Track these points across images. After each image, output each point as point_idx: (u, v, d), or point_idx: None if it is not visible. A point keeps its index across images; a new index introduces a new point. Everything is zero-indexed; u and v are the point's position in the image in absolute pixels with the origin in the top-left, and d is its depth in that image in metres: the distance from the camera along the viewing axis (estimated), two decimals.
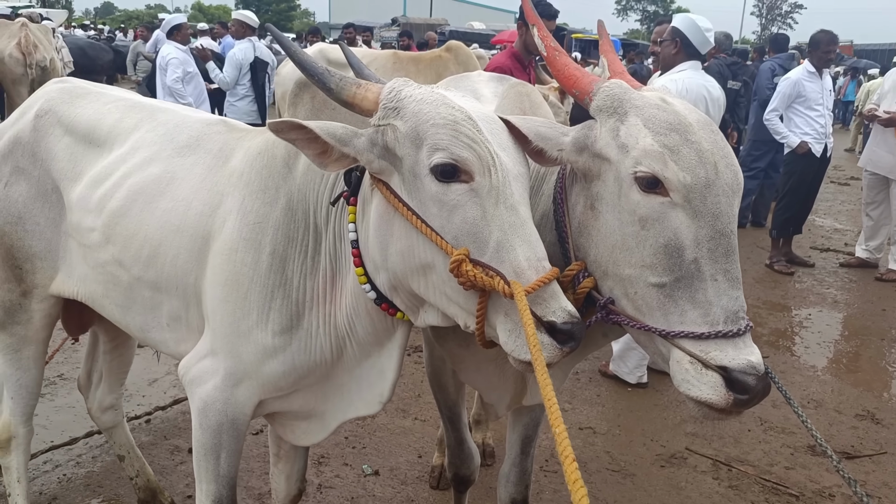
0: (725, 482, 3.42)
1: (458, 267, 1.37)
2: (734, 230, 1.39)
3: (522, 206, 1.44)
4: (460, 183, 1.42)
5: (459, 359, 2.08)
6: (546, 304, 1.36)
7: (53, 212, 2.21)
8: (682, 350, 1.34)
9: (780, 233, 7.12)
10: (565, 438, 1.02)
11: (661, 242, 1.37)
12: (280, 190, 1.79)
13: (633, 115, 1.43)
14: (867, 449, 3.78)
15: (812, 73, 6.68)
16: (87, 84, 2.45)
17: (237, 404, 1.88)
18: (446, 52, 7.58)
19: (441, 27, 28.51)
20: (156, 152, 2.06)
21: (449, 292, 1.46)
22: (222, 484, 1.97)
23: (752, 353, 1.32)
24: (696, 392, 1.32)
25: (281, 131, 1.50)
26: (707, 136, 1.42)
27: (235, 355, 1.83)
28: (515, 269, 1.37)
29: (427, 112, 1.45)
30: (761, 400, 1.31)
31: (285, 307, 1.78)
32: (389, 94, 1.50)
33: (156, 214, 1.96)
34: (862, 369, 4.87)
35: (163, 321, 2.04)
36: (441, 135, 1.42)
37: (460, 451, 2.49)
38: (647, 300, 1.39)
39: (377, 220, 1.54)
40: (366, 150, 1.49)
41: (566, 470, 0.98)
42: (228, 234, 1.82)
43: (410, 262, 1.49)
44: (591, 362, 4.65)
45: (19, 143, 2.25)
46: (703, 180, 1.36)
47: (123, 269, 2.02)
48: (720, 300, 1.33)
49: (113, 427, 2.93)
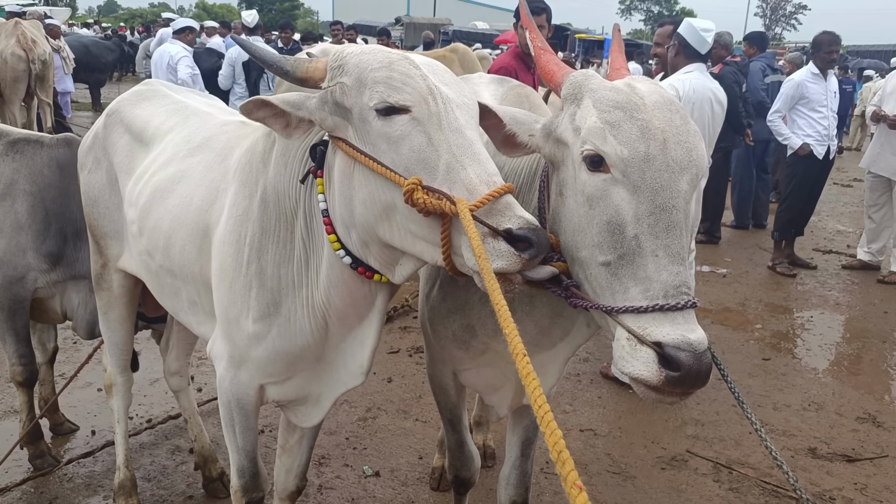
0: (726, 485, 3.42)
1: (410, 195, 1.40)
2: (678, 206, 1.36)
3: (469, 129, 1.49)
4: (402, 114, 1.47)
5: (460, 361, 2.08)
6: (500, 214, 1.38)
7: (116, 198, 2.51)
8: (622, 327, 1.33)
9: (781, 235, 7.10)
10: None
11: (604, 220, 1.38)
12: (258, 183, 1.87)
13: (587, 98, 1.46)
14: (868, 452, 3.77)
15: (816, 74, 6.65)
16: (163, 86, 2.71)
17: (241, 385, 2.02)
18: (451, 52, 7.60)
19: (445, 27, 28.48)
20: (175, 153, 2.26)
21: (413, 228, 1.49)
22: (243, 455, 2.16)
23: (691, 330, 1.29)
24: (629, 368, 1.30)
25: (250, 112, 1.60)
26: (661, 114, 1.41)
27: (231, 340, 1.97)
28: (468, 187, 1.40)
29: (366, 60, 1.53)
30: (700, 382, 1.27)
31: (261, 296, 1.86)
32: (334, 57, 1.59)
33: (168, 209, 2.15)
34: (863, 372, 4.86)
35: (185, 305, 2.24)
36: (379, 75, 1.49)
37: (461, 454, 2.49)
38: (598, 280, 1.39)
39: (340, 176, 1.60)
40: (318, 109, 1.58)
41: (518, 365, 1.07)
42: (221, 227, 1.94)
43: (374, 208, 1.54)
44: (591, 364, 4.65)
45: (97, 138, 2.61)
46: (643, 154, 1.36)
47: (151, 259, 2.25)
48: (660, 275, 1.32)
49: (179, 391, 3.25)
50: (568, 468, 0.90)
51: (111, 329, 2.80)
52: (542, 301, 1.76)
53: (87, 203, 2.64)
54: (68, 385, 3.59)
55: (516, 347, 1.08)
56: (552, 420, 0.97)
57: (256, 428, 2.16)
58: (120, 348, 2.85)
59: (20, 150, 3.01)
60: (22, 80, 8.59)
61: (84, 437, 3.50)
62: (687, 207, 1.39)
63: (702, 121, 4.20)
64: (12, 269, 2.94)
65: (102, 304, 2.76)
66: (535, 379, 1.03)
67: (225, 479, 3.09)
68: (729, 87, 6.08)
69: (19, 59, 8.48)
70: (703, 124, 4.21)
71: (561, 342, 1.86)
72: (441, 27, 27.99)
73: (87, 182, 2.63)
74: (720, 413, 4.09)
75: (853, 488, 3.43)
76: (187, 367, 3.26)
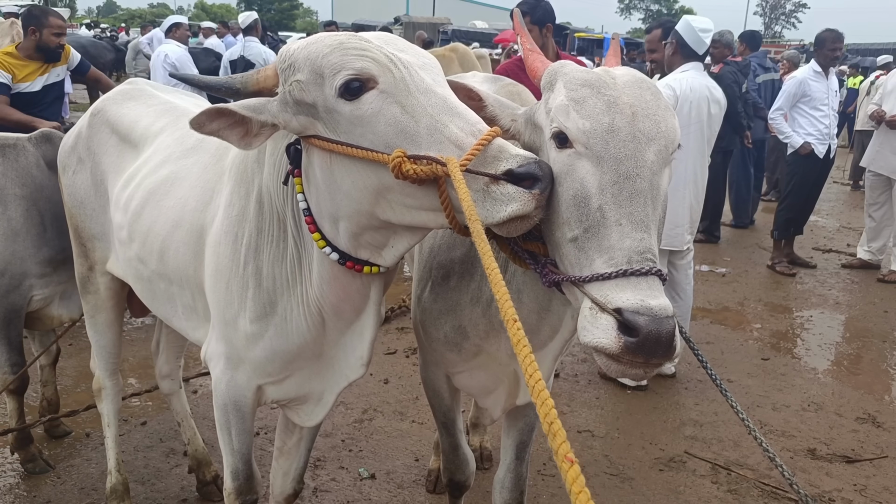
0: (724, 486, 3.39)
1: (399, 169, 1.36)
2: (642, 174, 1.34)
3: (438, 87, 1.45)
4: (369, 91, 1.43)
5: (452, 364, 2.06)
6: (496, 158, 1.34)
7: (102, 199, 2.48)
8: (588, 297, 1.30)
9: (781, 234, 7.08)
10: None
11: (570, 195, 1.36)
12: (253, 183, 1.84)
13: (560, 81, 1.46)
14: (868, 453, 3.75)
15: (818, 72, 6.62)
16: (148, 85, 2.67)
17: (237, 387, 1.99)
18: (451, 52, 7.59)
19: (444, 26, 28.46)
20: (168, 155, 2.22)
21: (409, 201, 1.45)
22: (237, 458, 2.13)
23: (653, 296, 1.25)
24: (588, 338, 1.26)
25: (202, 125, 1.52)
26: (631, 91, 1.41)
27: (228, 341, 1.94)
28: (455, 143, 1.37)
29: (315, 49, 1.47)
30: (660, 350, 1.21)
31: (258, 296, 1.84)
32: (281, 58, 1.54)
33: (163, 213, 2.12)
34: (863, 372, 4.83)
35: (179, 311, 2.20)
36: (333, 59, 1.43)
37: (455, 457, 2.46)
38: (569, 258, 1.37)
39: (321, 173, 1.55)
40: (280, 111, 1.52)
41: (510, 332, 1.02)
42: (216, 227, 1.91)
43: (363, 193, 1.49)
44: (589, 364, 4.62)
45: (80, 137, 2.57)
46: (606, 126, 1.35)
47: (143, 265, 2.22)
48: (623, 242, 1.29)
49: (170, 394, 3.22)
50: (559, 440, 0.86)
51: (98, 333, 2.77)
52: (528, 297, 1.75)
53: (73, 205, 2.60)
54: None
55: (507, 313, 1.03)
56: (544, 389, 0.94)
57: (252, 430, 2.15)
58: (108, 352, 2.82)
59: (3, 154, 2.95)
60: None
61: (81, 440, 3.47)
62: (654, 178, 1.37)
63: (700, 120, 4.18)
64: (9, 279, 2.90)
65: (89, 308, 2.74)
66: (527, 346, 0.99)
67: (219, 482, 3.06)
68: (728, 88, 6.06)
69: None
70: (701, 124, 4.19)
71: (550, 340, 1.84)
72: (440, 26, 27.97)
73: (71, 183, 2.59)
74: (718, 414, 4.07)
75: (853, 489, 3.41)
76: (178, 369, 3.24)
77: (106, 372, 2.87)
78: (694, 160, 4.22)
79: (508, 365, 1.98)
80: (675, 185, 4.00)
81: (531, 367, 0.96)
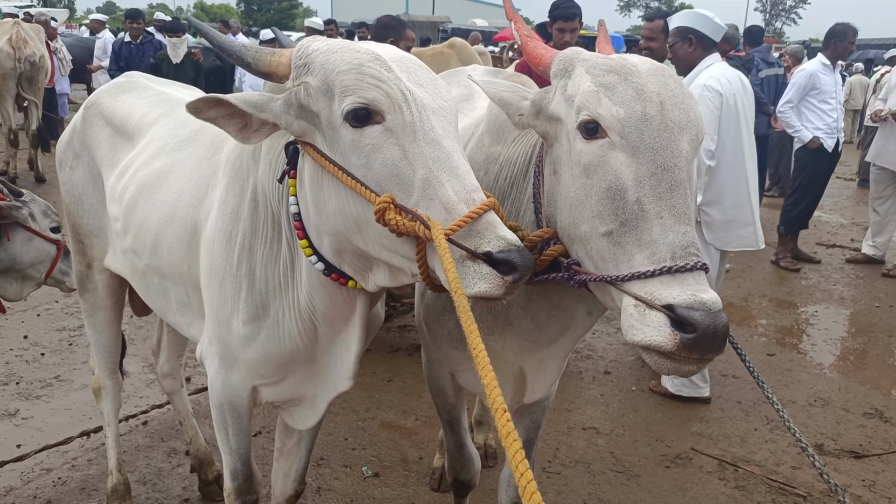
0: (732, 483, 3.36)
1: (382, 215, 1.32)
2: (680, 165, 1.31)
3: (447, 139, 1.39)
4: (374, 125, 1.38)
5: (457, 361, 2.02)
6: (481, 235, 1.29)
7: (100, 194, 2.44)
8: (629, 295, 1.26)
9: (788, 229, 7.03)
10: (495, 388, 0.95)
11: (603, 187, 1.32)
12: (248, 181, 1.80)
13: (579, 67, 1.42)
14: (876, 448, 3.71)
15: (826, 65, 6.57)
16: (143, 78, 2.65)
17: (232, 387, 1.96)
18: (449, 48, 7.53)
19: (443, 24, 28.41)
20: (162, 147, 2.18)
21: (386, 243, 1.42)
22: (236, 458, 2.11)
23: (702, 290, 1.22)
24: (639, 336, 1.22)
25: (199, 111, 1.47)
26: (655, 79, 1.37)
27: (222, 342, 1.91)
28: (445, 206, 1.32)
29: (333, 60, 1.41)
30: (717, 345, 1.19)
31: (251, 297, 1.80)
32: (298, 53, 1.48)
33: (156, 206, 2.08)
34: (869, 367, 4.79)
35: (173, 306, 2.17)
36: (347, 79, 1.38)
37: (460, 456, 2.43)
38: (600, 253, 1.33)
39: (310, 183, 1.51)
40: (283, 112, 1.47)
41: (498, 423, 0.91)
42: (210, 225, 1.87)
43: (345, 219, 1.45)
44: (593, 361, 4.59)
45: (75, 132, 2.54)
46: (639, 114, 1.31)
47: (137, 258, 2.18)
48: (666, 237, 1.25)
49: (172, 393, 3.20)
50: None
51: (98, 331, 2.75)
52: (538, 293, 1.70)
53: (70, 201, 2.57)
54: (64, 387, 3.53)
55: (496, 401, 0.93)
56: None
57: (250, 430, 2.12)
58: (107, 350, 2.80)
59: None
60: (10, 77, 8.66)
61: (80, 440, 3.44)
62: (689, 168, 1.34)
63: (744, 113, 3.91)
64: None
65: (88, 307, 2.71)
66: (518, 441, 0.89)
67: (221, 481, 3.02)
68: None
69: (7, 57, 8.55)
70: (746, 116, 3.93)
71: (561, 337, 1.80)
72: (440, 25, 27.92)
73: (68, 179, 2.56)
74: (724, 410, 4.03)
75: (861, 485, 3.38)
76: (180, 368, 3.22)
77: (105, 371, 2.84)
78: (745, 154, 3.93)
79: (514, 363, 1.94)
80: (735, 182, 3.85)
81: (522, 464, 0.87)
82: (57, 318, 4.87)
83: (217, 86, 9.04)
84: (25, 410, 3.66)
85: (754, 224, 3.98)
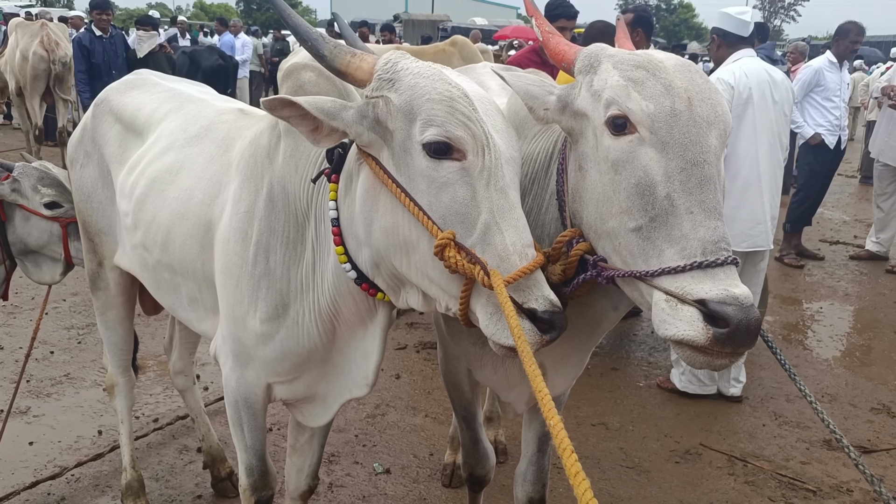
0: (741, 478, 3.37)
1: (442, 250, 1.34)
2: (709, 160, 1.31)
3: (512, 190, 1.41)
4: (452, 161, 1.38)
5: (476, 357, 2.02)
6: (528, 291, 1.33)
7: (109, 192, 2.44)
8: (660, 290, 1.26)
9: (794, 226, 7.05)
10: (562, 430, 0.97)
11: (632, 183, 1.33)
12: (263, 179, 1.80)
13: (606, 62, 1.42)
14: (884, 443, 3.73)
15: (833, 63, 6.58)
16: (153, 75, 2.65)
17: (247, 384, 1.98)
18: (451, 45, 7.52)
19: (443, 23, 28.41)
20: (171, 142, 2.18)
21: (431, 274, 1.43)
22: (251, 454, 2.13)
23: (734, 285, 1.22)
24: (672, 331, 1.23)
25: (274, 108, 1.47)
26: (682, 75, 1.37)
27: (237, 340, 1.91)
28: (500, 254, 1.34)
29: (423, 86, 1.40)
30: (749, 339, 1.20)
31: (270, 297, 1.80)
32: (385, 66, 1.46)
33: (166, 202, 2.07)
34: (875, 362, 4.81)
35: (184, 302, 2.17)
36: (436, 110, 1.37)
37: (475, 451, 2.44)
38: (629, 248, 1.34)
39: (363, 194, 1.50)
40: (355, 122, 1.46)
41: (565, 464, 0.92)
42: (224, 223, 1.87)
43: (394, 239, 1.46)
44: (601, 357, 4.60)
45: (86, 129, 2.54)
46: (669, 109, 1.32)
47: (148, 253, 2.18)
48: (696, 232, 1.26)
49: (184, 390, 3.22)
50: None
51: (110, 329, 2.76)
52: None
53: (81, 199, 2.58)
54: (75, 384, 3.54)
55: (563, 443, 0.95)
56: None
57: (265, 426, 2.13)
58: (120, 348, 2.81)
59: None
60: (41, 78, 8.73)
61: (91, 437, 3.45)
62: (718, 163, 1.34)
63: (764, 106, 3.82)
64: None
65: (100, 305, 2.72)
66: (586, 479, 0.91)
67: (234, 478, 3.05)
68: None
69: (41, 59, 8.62)
70: (767, 110, 3.83)
71: (585, 332, 1.81)
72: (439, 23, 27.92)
73: (79, 177, 2.57)
74: (732, 406, 4.05)
75: None
76: (192, 365, 3.23)
77: (118, 368, 2.85)
78: (764, 150, 3.83)
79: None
80: (747, 179, 3.79)
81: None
82: (65, 316, 4.88)
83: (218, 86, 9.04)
84: (37, 408, 3.68)
85: (766, 223, 3.87)
